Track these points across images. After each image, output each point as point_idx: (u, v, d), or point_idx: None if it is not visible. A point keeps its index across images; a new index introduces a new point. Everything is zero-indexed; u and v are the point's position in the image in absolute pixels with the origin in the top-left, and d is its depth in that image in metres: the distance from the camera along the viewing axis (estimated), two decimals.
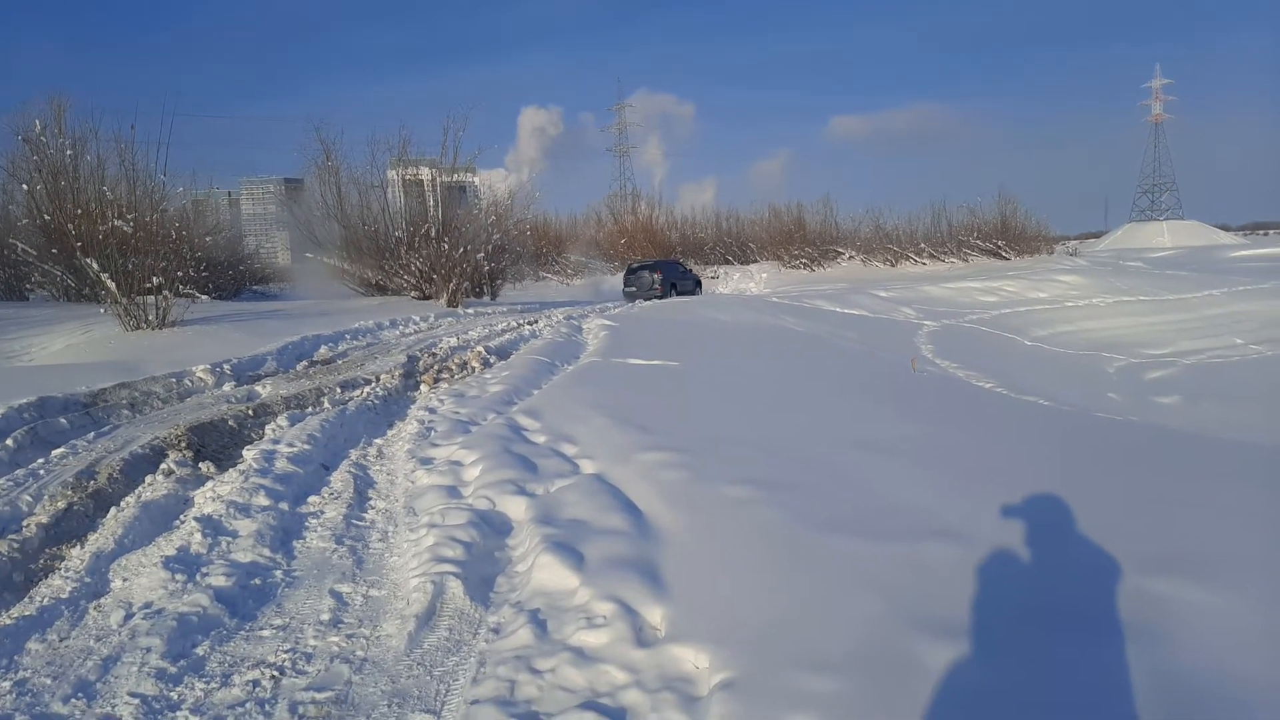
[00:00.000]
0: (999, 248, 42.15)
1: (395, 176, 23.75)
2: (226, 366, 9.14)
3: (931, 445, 6.55)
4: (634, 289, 27.83)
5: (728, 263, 45.85)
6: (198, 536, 4.47)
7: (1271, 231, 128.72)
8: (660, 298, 26.07)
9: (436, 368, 9.98)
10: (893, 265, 42.37)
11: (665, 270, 28.61)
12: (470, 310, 18.56)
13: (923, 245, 43.17)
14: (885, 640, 3.10)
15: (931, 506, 4.60)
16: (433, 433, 6.89)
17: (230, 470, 5.67)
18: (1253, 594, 3.36)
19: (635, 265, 30.10)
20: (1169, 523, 4.32)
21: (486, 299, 22.92)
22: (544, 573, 3.95)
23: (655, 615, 3.48)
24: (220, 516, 4.76)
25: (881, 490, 4.99)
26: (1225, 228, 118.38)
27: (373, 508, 5.29)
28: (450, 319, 16.44)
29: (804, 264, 43.74)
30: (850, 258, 43.78)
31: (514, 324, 15.54)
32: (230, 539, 4.53)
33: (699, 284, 31.14)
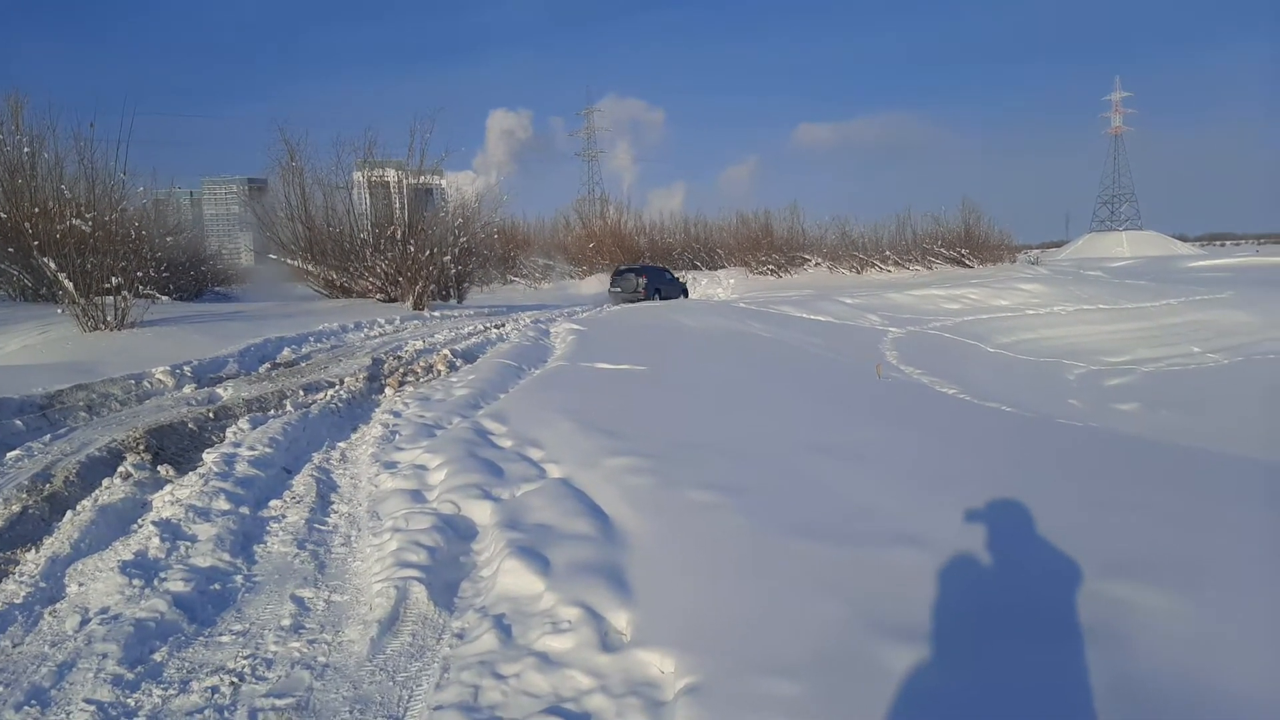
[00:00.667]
0: (963, 256, 42.70)
1: (361, 178, 23.55)
2: (187, 368, 9.00)
3: (895, 450, 6.61)
4: (619, 290, 28.57)
5: (695, 268, 45.96)
6: (156, 541, 4.39)
7: (1228, 242, 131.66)
8: (644, 300, 26.83)
9: (401, 371, 9.91)
10: (858, 272, 42.78)
11: (650, 275, 29.53)
12: (436, 313, 18.45)
13: (888, 253, 43.65)
14: (847, 644, 3.12)
15: (894, 511, 4.64)
16: (397, 436, 6.84)
17: (190, 473, 5.59)
18: (1206, 597, 3.42)
19: (622, 269, 30.98)
20: (1126, 527, 4.39)
21: (453, 302, 22.79)
22: (509, 577, 3.93)
23: (621, 620, 3.48)
24: (179, 520, 4.69)
25: (845, 495, 5.02)
26: (1183, 238, 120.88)
27: (335, 512, 5.24)
28: (416, 322, 16.33)
29: (771, 270, 44.02)
30: (817, 264, 44.14)
31: (481, 327, 15.47)
32: (189, 543, 4.46)
33: (685, 290, 31.78)
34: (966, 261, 42.60)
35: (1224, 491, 5.52)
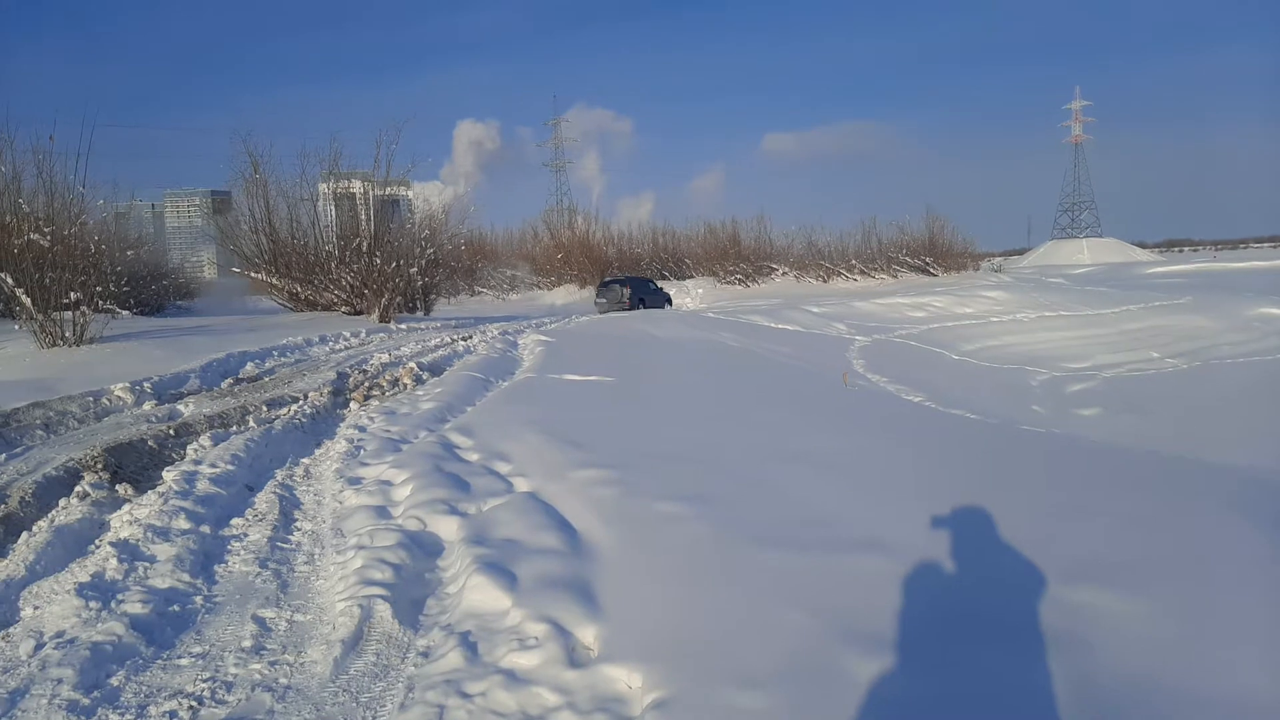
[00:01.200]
0: (927, 264, 43.16)
1: (326, 190, 23.37)
2: (147, 385, 8.86)
3: (862, 458, 6.64)
4: (605, 301, 29.51)
5: (664, 278, 46.09)
6: (113, 562, 4.31)
7: (1186, 249, 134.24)
8: (628, 310, 27.46)
9: (367, 385, 9.82)
10: (825, 281, 43.08)
11: (634, 286, 30.60)
12: (403, 326, 18.32)
13: (854, 262, 44.00)
14: (814, 654, 3.12)
15: (861, 519, 4.66)
16: (362, 451, 6.77)
17: (149, 492, 5.50)
18: (1166, 601, 3.46)
19: (607, 280, 32.26)
20: (1088, 532, 4.43)
21: (420, 314, 22.66)
22: (475, 594, 3.89)
23: (588, 635, 3.46)
24: (138, 541, 4.60)
25: (812, 503, 5.03)
26: (1142, 245, 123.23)
27: (299, 529, 5.17)
28: (382, 335, 16.20)
29: (739, 279, 44.22)
30: (784, 274, 44.42)
31: (448, 340, 15.37)
32: (148, 564, 4.38)
33: (669, 300, 32.68)
34: (931, 270, 43.06)
35: (1184, 495, 5.59)
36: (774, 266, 44.96)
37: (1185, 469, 6.86)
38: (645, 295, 30.30)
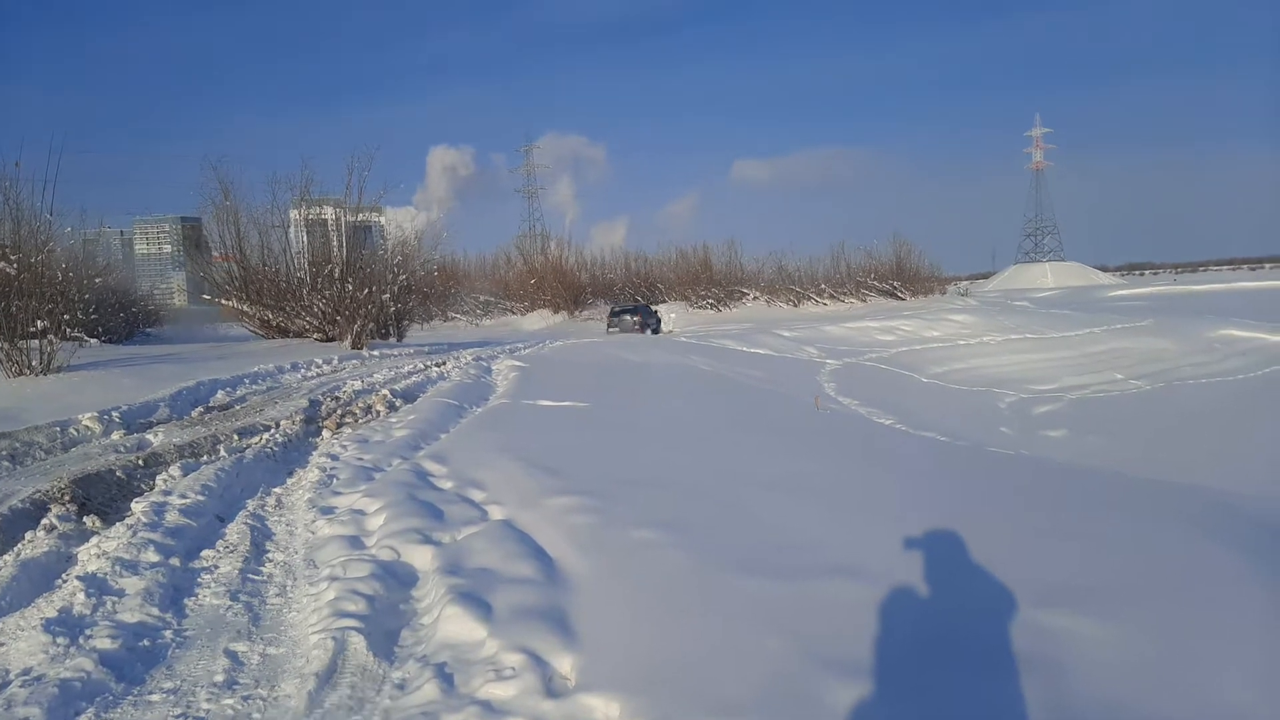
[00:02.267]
0: (895, 288, 43.69)
1: (298, 216, 23.24)
2: (115, 414, 8.74)
3: (836, 482, 6.68)
4: (617, 329, 34.29)
5: (637, 303, 46.27)
6: (81, 596, 4.24)
7: (1147, 272, 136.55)
8: (637, 334, 32.58)
9: (340, 412, 9.76)
10: (795, 305, 43.46)
11: (642, 313, 36.10)
12: (376, 352, 18.21)
13: (823, 286, 44.49)
14: (791, 681, 3.13)
15: (835, 543, 4.69)
16: (335, 480, 6.72)
17: (118, 524, 5.41)
18: (1136, 624, 3.51)
19: (618, 309, 37.43)
20: (1060, 554, 4.49)
21: (393, 340, 22.54)
22: (450, 624, 3.87)
23: (565, 664, 3.45)
24: (106, 574, 4.53)
25: (787, 528, 5.06)
26: (1104, 268, 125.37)
27: (270, 561, 5.11)
28: (355, 361, 16.10)
29: (711, 304, 44.49)
30: (755, 298, 44.78)
31: (421, 366, 15.30)
32: (116, 598, 4.31)
33: (660, 323, 37.26)
34: (899, 294, 43.60)
35: (1153, 518, 5.66)
36: (745, 291, 45.31)
37: (1153, 491, 6.95)
38: (648, 320, 35.69)
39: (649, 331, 34.33)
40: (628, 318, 35.73)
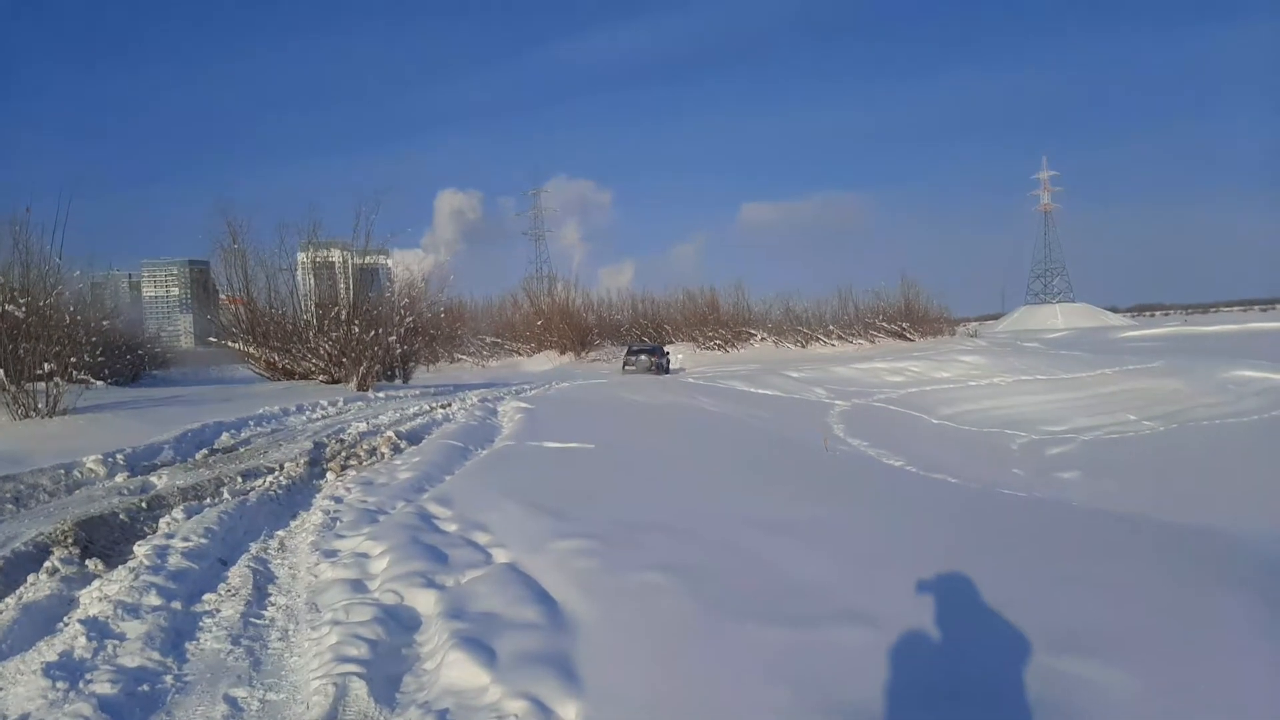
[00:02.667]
0: (904, 329, 43.73)
1: (305, 259, 23.42)
2: (120, 456, 8.73)
3: (843, 525, 6.63)
4: (634, 368, 35.95)
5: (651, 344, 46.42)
6: (82, 640, 4.20)
7: (1157, 313, 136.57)
8: (652, 373, 34.28)
9: (344, 454, 9.73)
10: (803, 347, 43.47)
11: (656, 353, 37.80)
12: (381, 394, 18.23)
13: (831, 327, 44.54)
14: None
15: (843, 588, 4.63)
16: (338, 523, 6.67)
17: (120, 568, 5.37)
18: (1148, 670, 3.46)
19: (635, 349, 39.17)
20: (1074, 600, 4.43)
21: (398, 382, 22.57)
22: (453, 670, 3.81)
23: (569, 712, 3.39)
24: (107, 618, 4.49)
25: (793, 573, 5.00)
26: (1114, 309, 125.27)
27: (272, 604, 5.06)
28: (360, 403, 16.11)
29: (718, 345, 44.54)
30: (762, 339, 44.83)
31: (426, 407, 15.30)
32: (117, 642, 4.26)
33: (669, 361, 38.74)
34: (908, 335, 43.63)
35: (1168, 563, 5.59)
36: (753, 332, 45.36)
37: (1166, 534, 6.87)
38: (661, 360, 37.22)
39: (662, 371, 35.89)
40: (644, 358, 37.51)
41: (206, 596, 5.08)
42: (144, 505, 6.97)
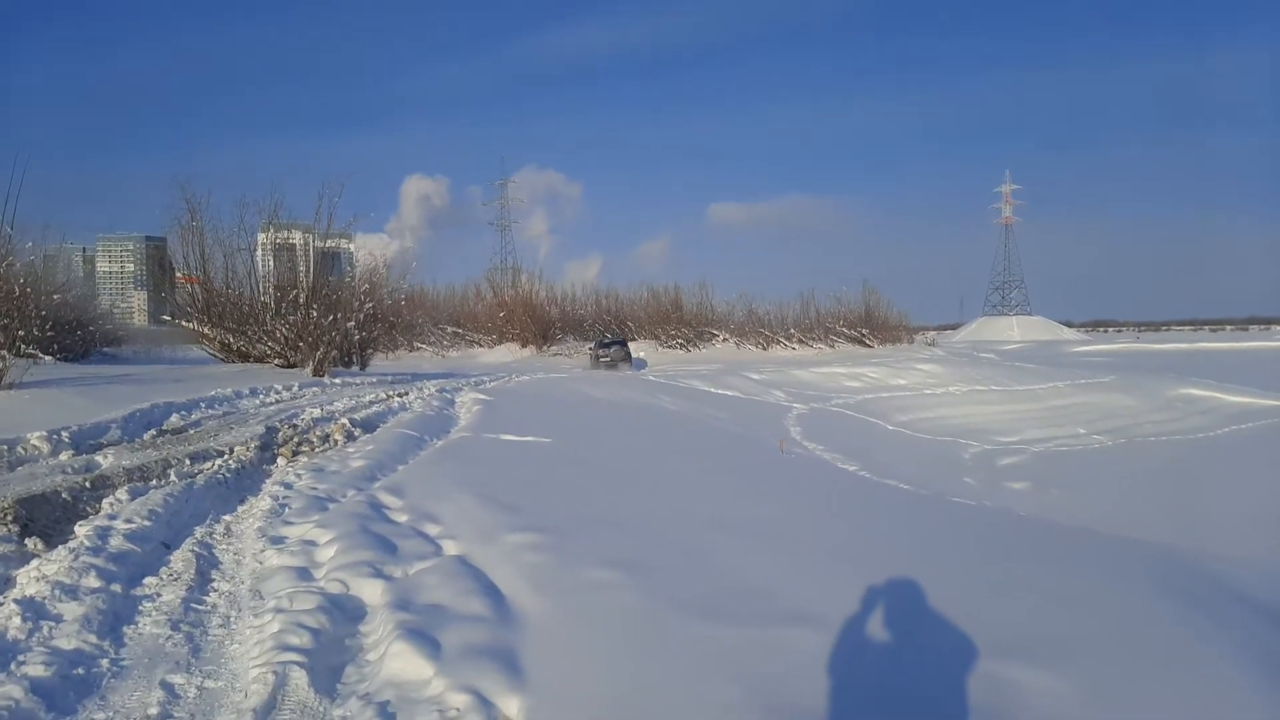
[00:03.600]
0: (863, 335, 44.09)
1: (265, 240, 23.05)
2: (65, 434, 8.54)
3: (796, 527, 6.67)
4: (608, 359, 35.43)
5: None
6: (16, 620, 4.10)
7: (1110, 329, 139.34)
8: (622, 363, 34.97)
9: (296, 440, 9.61)
10: (764, 349, 43.68)
11: (626, 346, 37.53)
12: (338, 380, 18.01)
13: (793, 331, 44.80)
14: None
15: (794, 589, 4.66)
16: (287, 510, 6.58)
17: (60, 548, 5.25)
18: (1090, 678, 3.52)
19: (606, 341, 38.96)
20: (1017, 607, 4.50)
21: (356, 369, 22.29)
22: (396, 662, 3.77)
23: (512, 706, 3.36)
24: (44, 599, 4.39)
25: (746, 573, 5.03)
26: (1069, 324, 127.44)
27: (215, 590, 4.98)
28: (315, 389, 15.90)
29: (680, 344, 44.59)
30: (724, 340, 44.98)
31: (383, 395, 15.14)
32: (53, 624, 4.17)
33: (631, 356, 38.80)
34: (867, 341, 43.99)
35: (1109, 572, 5.71)
36: (715, 332, 45.50)
37: (1111, 546, 7.01)
38: (629, 353, 36.91)
39: (635, 366, 35.92)
40: (617, 349, 37.02)
41: (147, 580, 4.98)
42: (87, 485, 6.82)
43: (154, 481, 7.18)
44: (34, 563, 4.99)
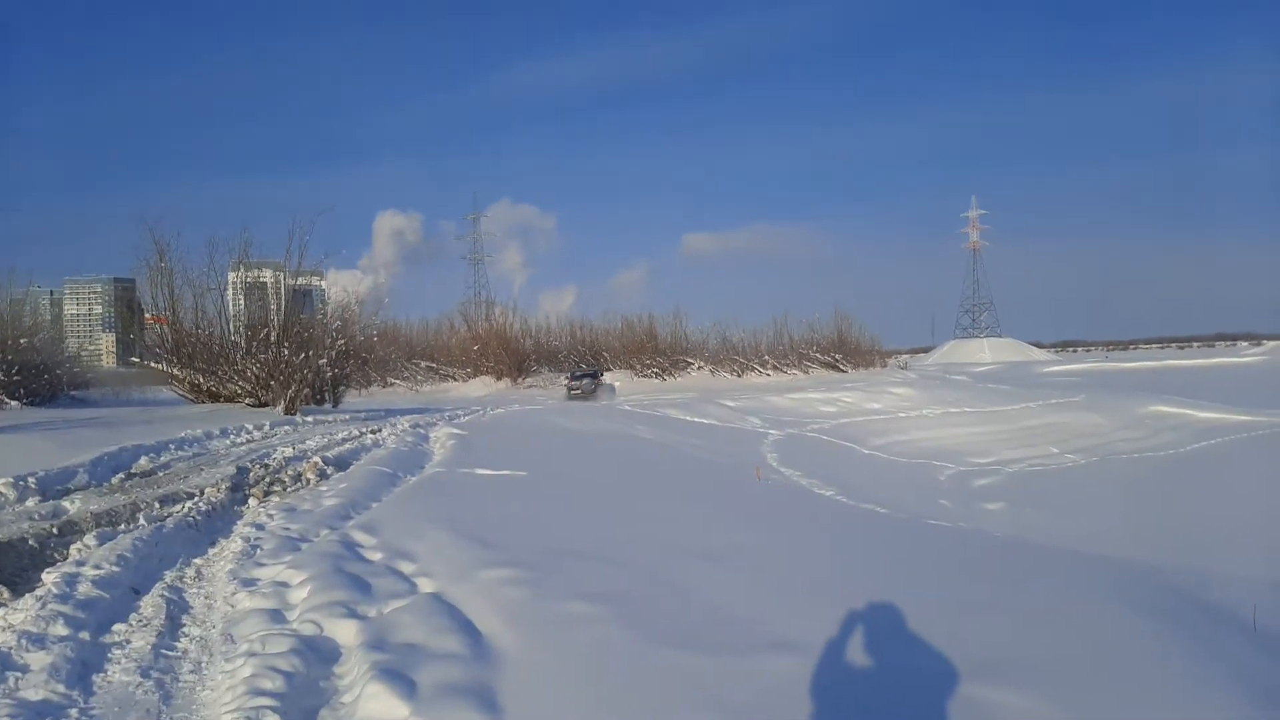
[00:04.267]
0: (837, 361, 44.42)
1: (235, 279, 22.89)
2: (31, 480, 8.40)
3: (773, 554, 6.67)
4: (579, 391, 37.27)
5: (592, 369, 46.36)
6: None
7: (1079, 349, 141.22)
8: (594, 394, 36.95)
9: (268, 480, 9.50)
10: (739, 376, 43.81)
11: (598, 377, 40.26)
12: (310, 418, 17.87)
13: (767, 357, 44.99)
14: None
15: (773, 617, 4.66)
16: (259, 551, 6.50)
17: (27, 596, 5.16)
18: (1066, 697, 3.54)
19: (578, 374, 40.91)
20: (994, 628, 4.52)
21: (328, 406, 22.10)
22: (372, 703, 3.72)
23: None
24: (10, 649, 4.30)
25: (724, 602, 5.02)
26: (1039, 345, 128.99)
27: (186, 635, 4.90)
28: (287, 427, 15.77)
29: (655, 373, 44.63)
30: (699, 368, 45.08)
31: (356, 433, 15.03)
32: (20, 674, 4.08)
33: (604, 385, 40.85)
34: (840, 366, 44.32)
35: (1086, 591, 5.76)
36: (689, 361, 45.60)
37: (1086, 564, 7.07)
38: (600, 384, 39.59)
39: (607, 395, 37.66)
40: (588, 381, 39.28)
41: (117, 627, 4.89)
42: (55, 531, 6.72)
43: (123, 526, 7.07)
44: (0, 612, 4.89)
